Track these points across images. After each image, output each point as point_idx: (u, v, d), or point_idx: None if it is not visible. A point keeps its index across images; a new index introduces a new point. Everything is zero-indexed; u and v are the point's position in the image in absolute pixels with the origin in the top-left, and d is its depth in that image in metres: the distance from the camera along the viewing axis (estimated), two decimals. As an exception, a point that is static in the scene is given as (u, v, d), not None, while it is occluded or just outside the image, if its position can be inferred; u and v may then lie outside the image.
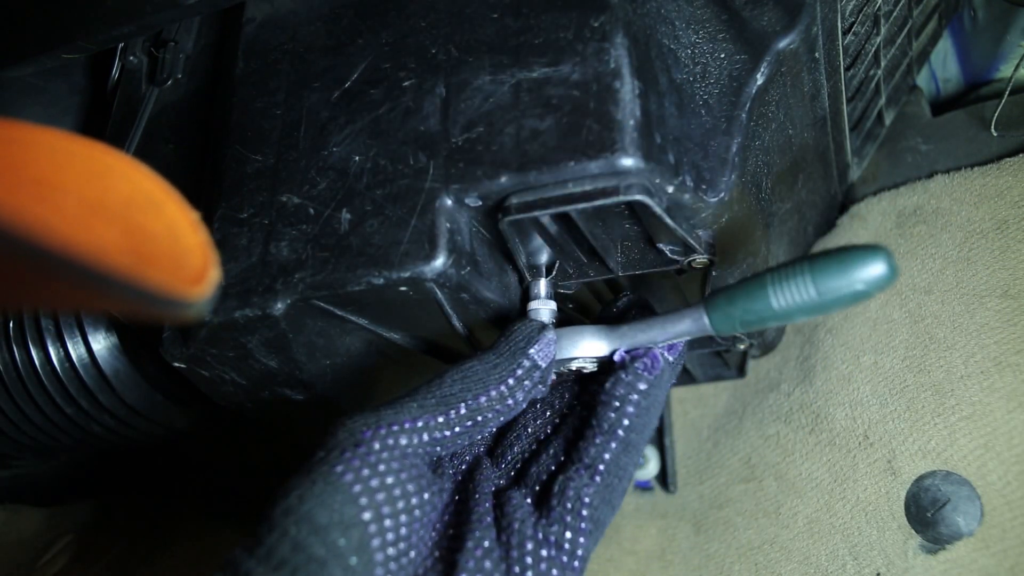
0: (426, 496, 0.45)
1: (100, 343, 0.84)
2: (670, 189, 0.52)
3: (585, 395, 0.54)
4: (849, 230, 0.82)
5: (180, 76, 0.69)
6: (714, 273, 0.59)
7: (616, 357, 0.51)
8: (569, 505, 0.47)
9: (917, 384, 0.69)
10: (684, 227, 0.54)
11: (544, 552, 0.45)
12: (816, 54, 0.62)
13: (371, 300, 0.56)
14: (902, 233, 0.77)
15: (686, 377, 0.81)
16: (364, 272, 0.53)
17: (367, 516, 0.42)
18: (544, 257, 0.58)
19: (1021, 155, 0.75)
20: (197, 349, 0.58)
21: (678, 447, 0.84)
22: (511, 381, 0.49)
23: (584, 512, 0.47)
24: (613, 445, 0.48)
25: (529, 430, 0.55)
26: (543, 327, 0.52)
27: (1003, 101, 0.76)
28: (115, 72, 0.72)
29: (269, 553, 0.40)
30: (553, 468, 0.50)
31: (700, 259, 0.56)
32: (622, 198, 0.49)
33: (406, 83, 0.57)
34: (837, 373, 0.73)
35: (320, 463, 0.43)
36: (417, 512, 0.44)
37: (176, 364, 0.60)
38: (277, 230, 0.56)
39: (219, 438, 1.05)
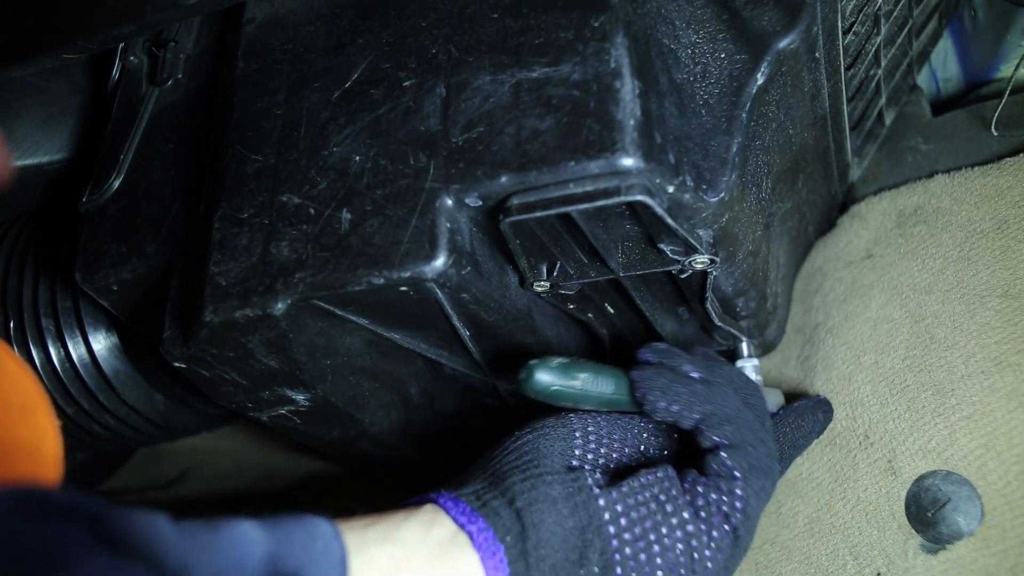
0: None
1: (100, 343, 0.84)
2: (671, 189, 0.52)
3: None
4: (849, 230, 0.82)
5: (180, 76, 0.69)
6: (715, 273, 0.59)
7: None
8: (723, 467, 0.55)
9: (917, 384, 0.69)
10: (685, 227, 0.54)
11: (712, 488, 0.55)
12: (816, 54, 0.62)
13: (371, 300, 0.56)
14: (903, 233, 0.77)
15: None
16: (364, 272, 0.53)
17: (577, 435, 0.56)
18: (545, 258, 0.58)
19: (1021, 155, 0.75)
20: (197, 349, 0.58)
21: (678, 447, 0.84)
22: None
23: (736, 473, 0.55)
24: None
25: None
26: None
27: (1003, 101, 0.76)
28: (115, 72, 0.72)
29: (509, 451, 0.55)
30: None
31: (701, 259, 0.56)
32: (623, 198, 0.49)
33: (406, 83, 0.57)
34: (838, 373, 0.73)
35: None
36: (616, 444, 0.57)
37: (176, 364, 0.60)
38: (277, 230, 0.56)
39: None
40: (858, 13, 0.67)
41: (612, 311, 0.68)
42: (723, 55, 0.58)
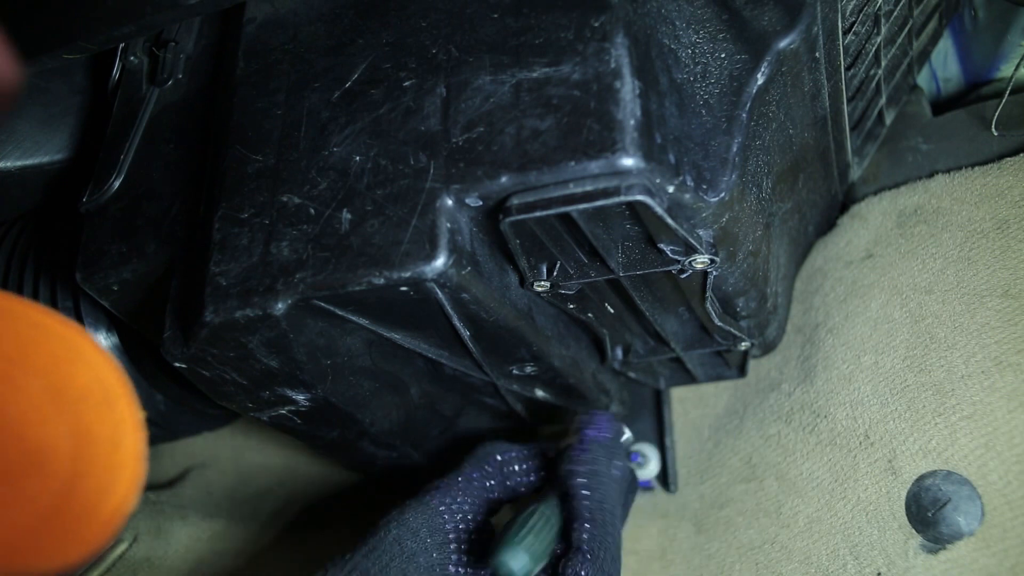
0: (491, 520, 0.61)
1: (101, 343, 0.84)
2: (671, 189, 0.52)
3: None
4: (850, 230, 0.82)
5: (181, 76, 0.69)
6: (715, 273, 0.59)
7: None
8: None
9: (918, 384, 0.69)
10: (685, 227, 0.54)
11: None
12: (817, 54, 0.62)
13: (372, 300, 0.56)
14: (903, 233, 0.77)
15: (687, 377, 0.81)
16: (365, 272, 0.53)
17: (449, 527, 0.58)
18: (545, 258, 0.58)
19: (1022, 155, 0.75)
20: (198, 349, 0.58)
21: (679, 447, 0.84)
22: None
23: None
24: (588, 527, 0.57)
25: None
26: None
27: (1004, 101, 0.76)
28: (116, 72, 0.72)
29: (372, 549, 0.55)
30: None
31: (701, 259, 0.56)
32: (623, 198, 0.49)
33: (407, 83, 0.57)
34: (838, 373, 0.73)
35: (417, 495, 0.60)
36: (485, 534, 0.59)
37: (177, 364, 0.60)
38: (278, 230, 0.56)
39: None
40: (858, 13, 0.67)
41: (612, 311, 0.68)
42: (723, 55, 0.58)
